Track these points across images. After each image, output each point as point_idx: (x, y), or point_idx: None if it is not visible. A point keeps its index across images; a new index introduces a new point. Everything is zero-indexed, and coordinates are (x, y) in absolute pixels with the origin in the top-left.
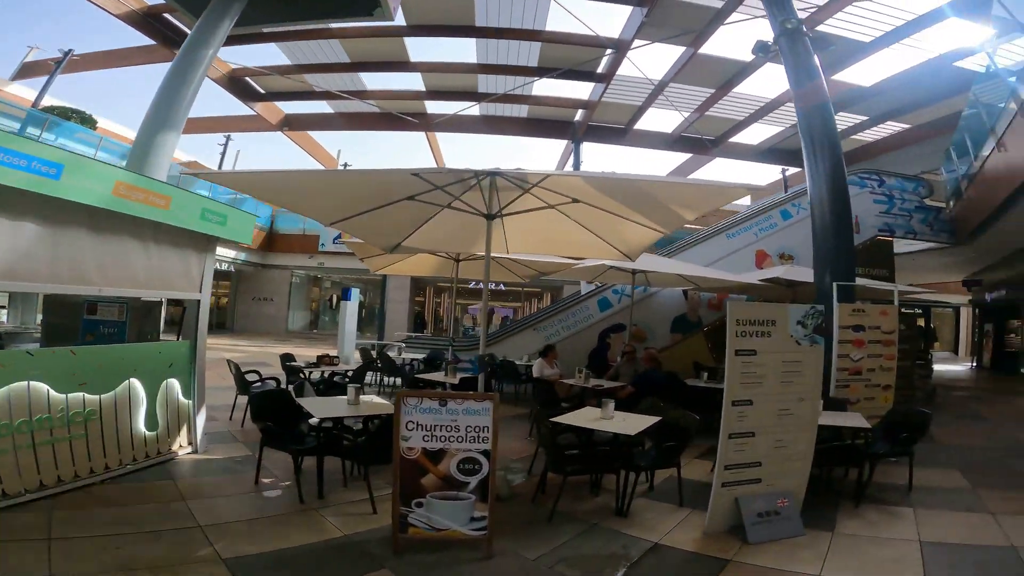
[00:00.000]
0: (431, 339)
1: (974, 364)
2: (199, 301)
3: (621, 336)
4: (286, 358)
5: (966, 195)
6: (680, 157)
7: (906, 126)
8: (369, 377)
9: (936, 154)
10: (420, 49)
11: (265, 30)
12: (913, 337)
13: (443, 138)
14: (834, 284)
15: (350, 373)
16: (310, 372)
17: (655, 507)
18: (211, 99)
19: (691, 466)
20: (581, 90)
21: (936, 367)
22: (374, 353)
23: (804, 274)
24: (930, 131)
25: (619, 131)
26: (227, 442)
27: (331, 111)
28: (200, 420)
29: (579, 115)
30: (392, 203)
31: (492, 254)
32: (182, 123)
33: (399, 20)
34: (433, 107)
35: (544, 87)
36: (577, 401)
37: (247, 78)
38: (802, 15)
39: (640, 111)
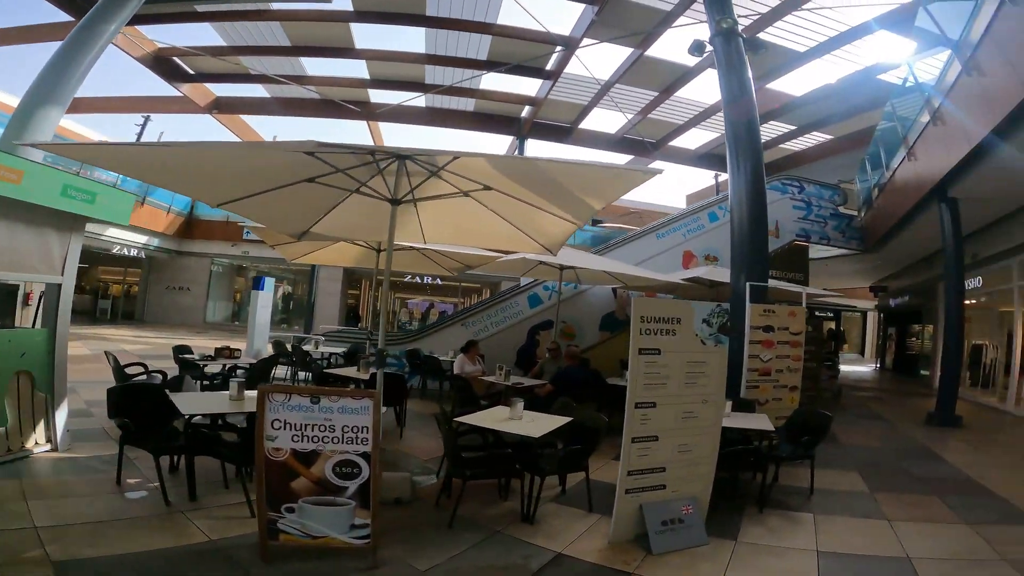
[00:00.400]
0: (356, 332)
1: (878, 366)
2: (60, 285)
3: (550, 334)
4: (179, 350)
5: (876, 204)
6: (622, 159)
7: (830, 137)
8: (283, 372)
9: (854, 165)
10: (366, 36)
11: (199, 8)
12: (819, 339)
13: (386, 129)
14: (747, 284)
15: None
16: (205, 366)
17: (564, 513)
18: (134, 78)
19: (607, 468)
20: (529, 86)
21: (844, 368)
22: (289, 347)
23: (724, 275)
24: (851, 143)
25: (564, 130)
26: (98, 440)
27: (267, 95)
28: (60, 415)
29: (525, 111)
30: (290, 185)
31: (412, 244)
32: (68, 99)
33: (346, 5)
34: (377, 96)
35: (492, 82)
36: (497, 399)
37: (175, 58)
38: (745, 22)
39: (586, 111)
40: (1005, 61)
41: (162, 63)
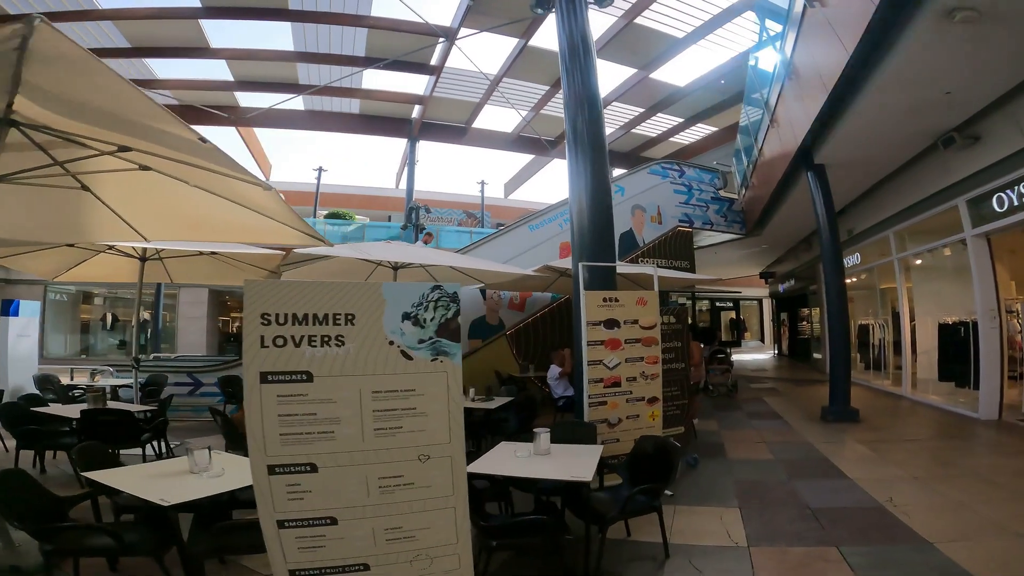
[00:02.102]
0: (210, 360)
1: (776, 352)
2: None
3: None
4: None
5: (751, 183)
6: (522, 158)
7: (714, 128)
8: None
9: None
10: (223, 34)
11: (11, 11)
12: (681, 331)
13: (267, 135)
14: (580, 265)
15: None
16: None
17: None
18: None
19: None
20: (416, 84)
21: (745, 356)
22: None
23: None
24: (731, 134)
25: (458, 130)
26: None
27: None
28: None
29: (416, 111)
30: None
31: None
32: None
33: (192, 1)
34: (248, 99)
35: (378, 81)
36: None
37: None
38: (624, 6)
39: (478, 108)
40: None
41: None
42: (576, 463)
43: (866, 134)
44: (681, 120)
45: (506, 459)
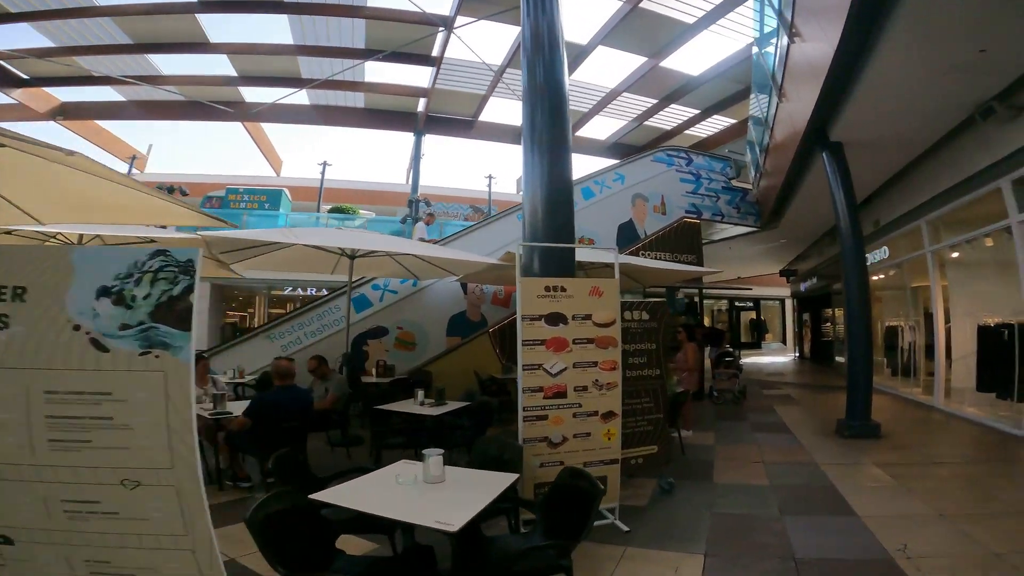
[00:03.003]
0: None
1: (796, 355)
2: None
3: (382, 342)
4: None
5: (764, 169)
6: None
7: (733, 121)
8: None
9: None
10: (221, 28)
11: (12, 9)
12: (655, 331)
13: (277, 131)
14: (519, 246)
15: None
16: None
17: None
18: None
19: None
20: (420, 77)
21: (764, 359)
22: None
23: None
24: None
25: (465, 123)
26: None
27: (122, 98)
28: None
29: (421, 105)
30: None
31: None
32: None
33: None
34: (253, 95)
35: (382, 74)
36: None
37: (1, 62)
38: None
39: (484, 101)
40: None
41: None
42: (468, 499)
43: (887, 105)
44: (697, 112)
45: (379, 485)
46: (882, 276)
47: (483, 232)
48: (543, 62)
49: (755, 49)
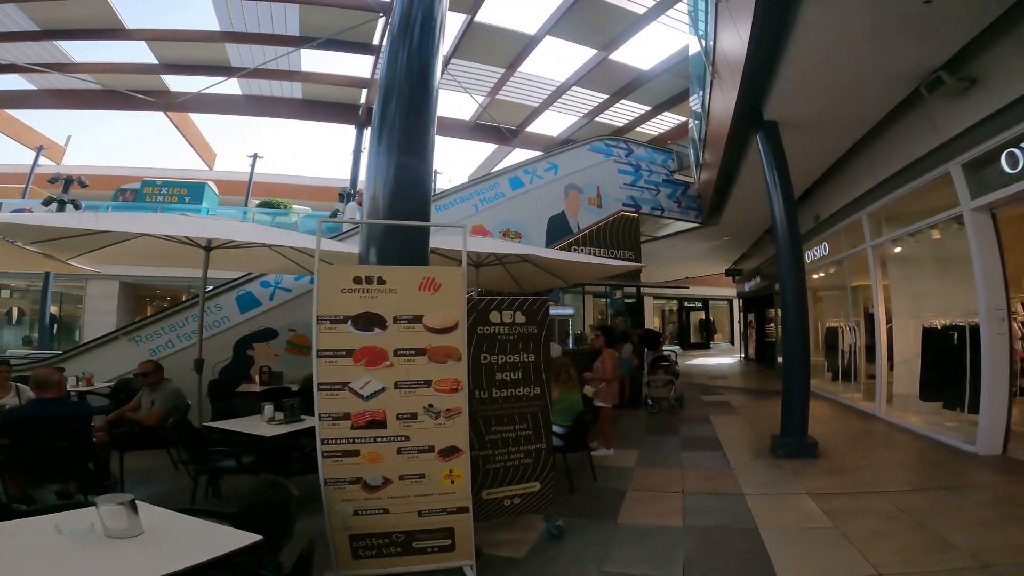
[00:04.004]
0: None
1: (742, 356)
2: None
3: (271, 346)
4: None
5: (703, 159)
6: (482, 148)
7: (683, 118)
8: None
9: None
10: (137, 13)
11: None
12: (535, 336)
13: (212, 123)
14: (319, 221)
15: None
16: None
17: None
18: None
19: None
20: (363, 67)
21: (710, 361)
22: None
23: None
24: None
25: None
26: None
27: (33, 87)
28: None
29: (364, 96)
30: None
31: None
32: None
33: None
34: (179, 83)
35: (320, 63)
36: None
37: None
38: None
39: None
40: None
41: None
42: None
43: (822, 73)
44: (648, 108)
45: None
46: (822, 274)
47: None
48: (409, 47)
49: (688, 24)
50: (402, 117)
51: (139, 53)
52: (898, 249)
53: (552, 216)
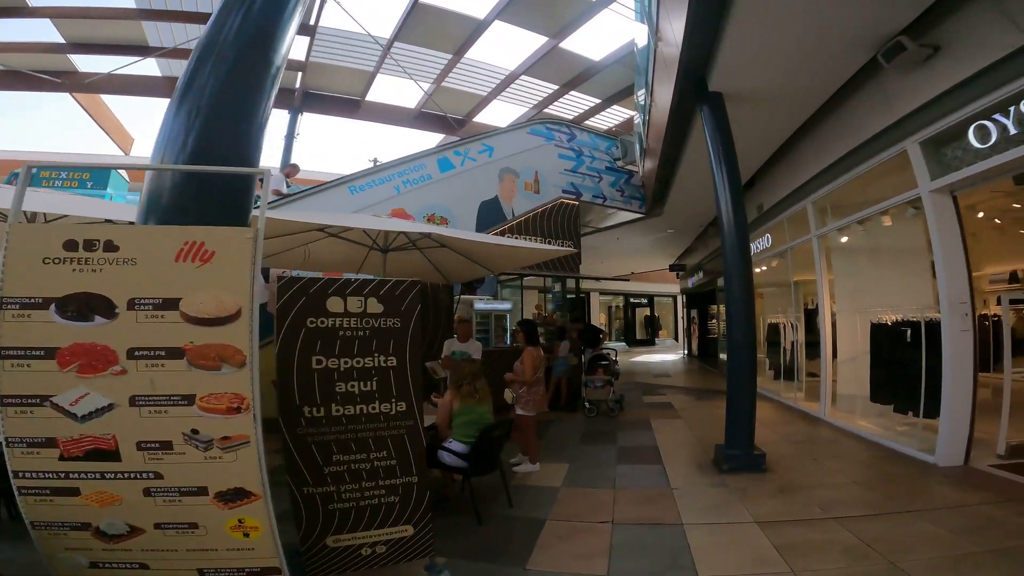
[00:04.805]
0: None
1: (686, 353)
2: None
3: None
4: None
5: (647, 144)
6: (428, 137)
7: (633, 113)
8: None
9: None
10: None
11: None
12: (399, 333)
13: (130, 106)
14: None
15: None
16: None
17: None
18: None
19: None
20: (296, 48)
21: (655, 358)
22: None
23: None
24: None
25: (351, 103)
26: None
27: None
28: None
29: (300, 80)
30: None
31: None
32: None
33: None
34: (89, 64)
35: None
36: None
37: None
38: None
39: (372, 78)
40: None
41: None
42: None
43: (773, 36)
44: (598, 101)
45: None
46: (764, 268)
47: (306, 203)
48: (246, 13)
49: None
50: (217, 81)
51: (44, 31)
52: (845, 239)
53: (484, 201)
